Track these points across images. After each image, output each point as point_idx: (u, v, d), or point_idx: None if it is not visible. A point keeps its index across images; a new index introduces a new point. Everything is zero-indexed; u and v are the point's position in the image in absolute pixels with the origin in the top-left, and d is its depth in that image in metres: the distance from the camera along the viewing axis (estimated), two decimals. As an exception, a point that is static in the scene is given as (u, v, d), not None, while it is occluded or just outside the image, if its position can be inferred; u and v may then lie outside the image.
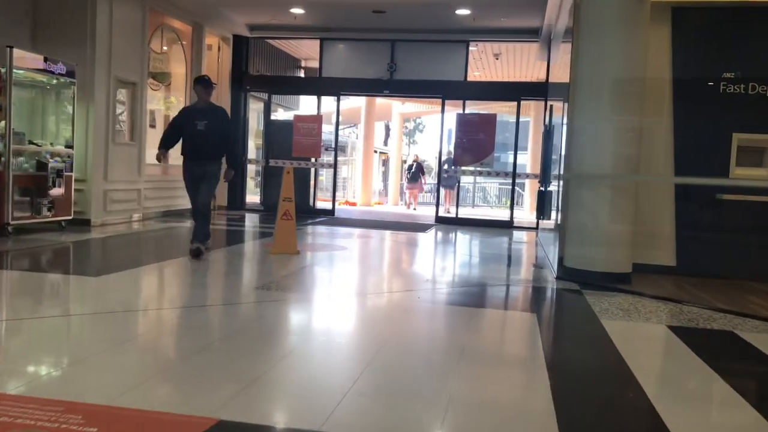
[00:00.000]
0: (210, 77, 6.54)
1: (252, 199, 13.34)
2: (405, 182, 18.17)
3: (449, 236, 10.05)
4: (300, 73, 15.18)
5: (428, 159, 24.70)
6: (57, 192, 7.39)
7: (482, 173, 11.95)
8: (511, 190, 12.42)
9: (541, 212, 8.84)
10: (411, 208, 16.77)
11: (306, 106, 15.75)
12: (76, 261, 6.30)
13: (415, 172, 17.02)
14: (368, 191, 18.80)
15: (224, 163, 6.31)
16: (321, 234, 9.21)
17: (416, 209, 16.49)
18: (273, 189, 11.35)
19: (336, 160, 12.46)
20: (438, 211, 12.25)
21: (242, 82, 12.18)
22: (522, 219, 13.19)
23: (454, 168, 11.70)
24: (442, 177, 12.86)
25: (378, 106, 18.99)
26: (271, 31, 12.29)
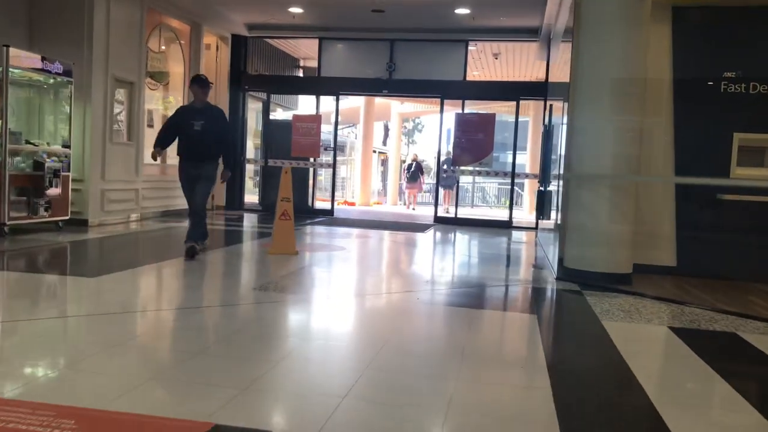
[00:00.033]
0: (207, 76, 6.48)
1: (250, 199, 13.30)
2: (404, 182, 18.15)
3: (448, 236, 10.01)
4: (299, 73, 15.15)
5: (427, 159, 24.66)
6: (54, 192, 7.35)
7: (481, 173, 11.92)
8: (510, 190, 12.39)
9: (540, 212, 8.82)
10: (410, 208, 16.73)
11: (305, 105, 15.71)
12: (73, 262, 6.26)
13: (414, 171, 16.99)
14: (367, 191, 18.77)
15: (221, 163, 6.26)
16: (320, 234, 9.17)
17: (415, 209, 16.46)
18: (272, 189, 11.31)
19: (335, 160, 12.42)
20: (437, 211, 12.22)
21: (241, 81, 12.14)
22: (521, 219, 13.17)
23: (453, 168, 11.66)
24: (441, 177, 12.82)
25: (377, 106, 18.96)
26: (270, 31, 12.25)
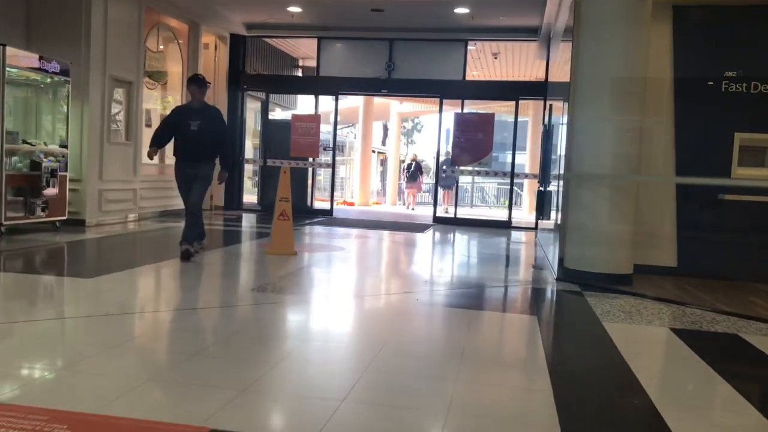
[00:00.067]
0: (204, 76, 6.44)
1: (249, 199, 13.26)
2: (403, 182, 18.11)
3: (448, 236, 9.98)
4: (297, 73, 15.11)
5: (426, 159, 24.63)
6: (51, 192, 7.31)
7: (480, 173, 11.89)
8: (510, 190, 12.34)
9: (540, 212, 8.78)
10: (409, 208, 16.70)
11: (304, 105, 15.68)
12: (70, 262, 6.22)
13: (414, 171, 16.96)
14: (366, 191, 18.73)
15: (218, 164, 6.22)
16: (318, 234, 9.14)
17: (414, 209, 16.42)
18: (270, 189, 11.26)
19: (334, 160, 12.39)
20: (436, 211, 12.18)
21: (239, 81, 12.10)
22: (520, 219, 13.14)
23: (453, 168, 11.63)
24: (441, 177, 12.78)
25: (376, 106, 18.94)
26: (269, 30, 12.21)
